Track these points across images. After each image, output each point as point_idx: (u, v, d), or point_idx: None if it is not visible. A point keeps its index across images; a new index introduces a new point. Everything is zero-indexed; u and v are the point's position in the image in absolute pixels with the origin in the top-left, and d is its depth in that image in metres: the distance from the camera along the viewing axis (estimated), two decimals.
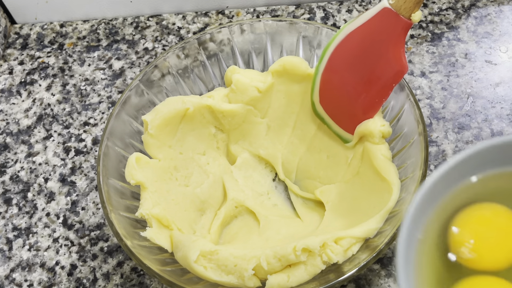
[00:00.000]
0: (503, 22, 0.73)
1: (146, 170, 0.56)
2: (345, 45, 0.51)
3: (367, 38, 0.50)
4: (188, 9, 0.79)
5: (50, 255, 0.61)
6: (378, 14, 0.49)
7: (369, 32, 0.50)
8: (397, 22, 0.48)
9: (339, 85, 0.54)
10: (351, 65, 0.52)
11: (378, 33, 0.49)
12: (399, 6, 0.48)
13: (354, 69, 0.52)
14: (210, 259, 0.51)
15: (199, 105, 0.58)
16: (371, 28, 0.50)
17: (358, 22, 0.50)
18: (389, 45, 0.50)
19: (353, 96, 0.54)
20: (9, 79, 0.75)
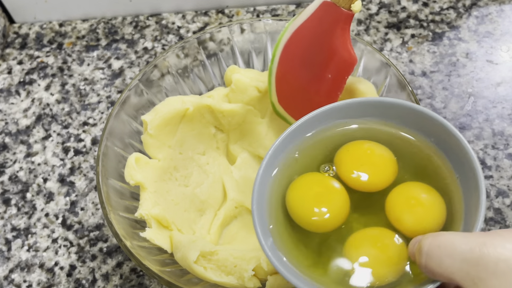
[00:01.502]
0: (504, 22, 0.73)
1: (145, 170, 0.55)
2: (293, 42, 0.52)
3: (312, 33, 0.51)
4: (188, 8, 0.78)
5: (49, 256, 0.61)
6: (318, 8, 0.49)
7: (313, 26, 0.50)
8: (338, 14, 0.49)
9: (293, 82, 0.54)
10: (301, 61, 0.53)
11: (322, 27, 0.50)
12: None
13: (305, 65, 0.53)
14: (210, 259, 0.51)
15: (199, 105, 0.58)
16: (315, 23, 0.50)
17: (301, 19, 0.51)
18: (335, 37, 0.50)
19: (308, 92, 0.54)
20: (8, 79, 0.75)
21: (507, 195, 0.60)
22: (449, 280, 0.33)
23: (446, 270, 0.32)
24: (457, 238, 0.33)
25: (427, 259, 0.33)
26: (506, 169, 0.62)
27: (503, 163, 0.62)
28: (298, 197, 0.43)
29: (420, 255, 0.34)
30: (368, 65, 0.58)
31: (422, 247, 0.34)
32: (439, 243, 0.33)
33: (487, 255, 0.31)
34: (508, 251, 0.31)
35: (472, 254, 0.31)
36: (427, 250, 0.33)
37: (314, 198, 0.43)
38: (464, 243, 0.32)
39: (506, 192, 0.60)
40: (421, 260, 0.34)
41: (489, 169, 0.62)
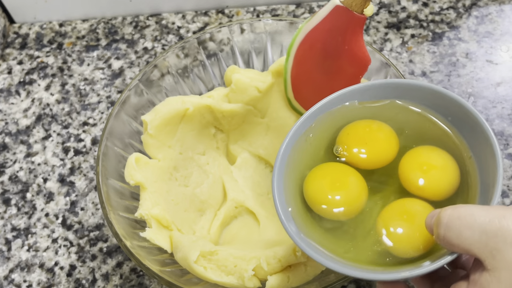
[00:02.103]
0: (504, 22, 0.73)
1: (145, 170, 0.55)
2: (307, 43, 0.53)
3: (326, 35, 0.52)
4: (188, 8, 0.78)
5: (49, 256, 0.61)
6: (331, 12, 0.50)
7: (326, 29, 0.51)
8: (351, 17, 0.49)
9: (309, 80, 0.55)
10: (316, 60, 0.54)
11: (336, 30, 0.51)
12: (350, 2, 0.49)
13: (320, 65, 0.54)
14: (210, 259, 0.51)
15: (198, 105, 0.58)
16: (328, 26, 0.51)
17: (315, 21, 0.51)
18: (348, 40, 0.51)
19: (323, 90, 0.55)
20: (8, 79, 0.75)
21: (507, 195, 0.60)
22: (467, 251, 0.33)
23: (465, 241, 0.32)
24: (476, 210, 0.33)
25: (446, 230, 0.33)
26: (506, 169, 0.62)
27: (503, 163, 0.62)
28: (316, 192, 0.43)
29: (439, 226, 0.34)
30: None
31: (441, 219, 0.34)
32: (458, 214, 0.33)
33: (506, 227, 0.31)
34: None
35: (491, 226, 0.32)
36: (447, 222, 0.33)
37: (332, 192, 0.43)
38: (484, 215, 0.32)
39: (506, 192, 0.60)
40: (439, 232, 0.34)
41: None
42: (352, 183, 0.43)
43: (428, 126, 0.44)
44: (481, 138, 0.40)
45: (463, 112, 0.42)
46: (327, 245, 0.41)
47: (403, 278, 0.37)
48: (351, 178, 0.43)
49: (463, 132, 0.43)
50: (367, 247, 0.41)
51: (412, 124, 0.45)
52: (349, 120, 0.46)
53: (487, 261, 0.32)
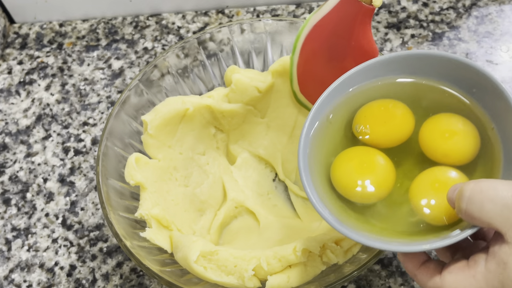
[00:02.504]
0: (504, 22, 0.73)
1: (145, 170, 0.56)
2: (315, 34, 0.53)
3: (334, 26, 0.51)
4: (188, 8, 0.78)
5: (49, 256, 0.61)
6: (339, 2, 0.50)
7: (335, 20, 0.51)
8: (359, 8, 0.49)
9: (315, 72, 0.55)
10: (323, 53, 0.54)
11: (343, 20, 0.51)
12: None
13: (327, 57, 0.54)
14: (210, 259, 0.51)
15: (199, 105, 0.58)
16: (336, 16, 0.51)
17: (322, 12, 0.51)
18: (356, 31, 0.51)
19: (331, 82, 0.55)
20: (8, 79, 0.75)
21: None
22: (488, 225, 0.33)
23: (487, 214, 0.33)
24: (499, 184, 0.33)
25: (468, 203, 0.34)
26: None
27: None
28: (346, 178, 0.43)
29: (461, 199, 0.34)
30: None
31: (463, 192, 0.34)
32: (481, 188, 0.33)
33: None
34: None
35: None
36: (469, 195, 0.34)
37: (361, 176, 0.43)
38: (506, 189, 0.33)
39: None
40: (461, 205, 0.34)
41: None
42: (380, 165, 0.43)
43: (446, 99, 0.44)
44: (503, 109, 0.40)
45: (483, 82, 0.41)
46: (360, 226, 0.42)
47: (424, 250, 0.37)
48: (377, 161, 0.43)
49: (486, 104, 0.42)
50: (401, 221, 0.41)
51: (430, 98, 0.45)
52: (366, 99, 0.46)
53: (508, 234, 0.32)
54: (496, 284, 0.33)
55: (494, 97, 0.41)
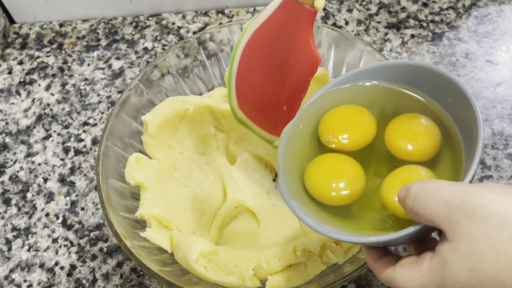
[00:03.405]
0: (503, 22, 0.73)
1: (145, 170, 0.56)
2: (254, 43, 0.50)
3: (274, 32, 0.48)
4: (188, 8, 0.79)
5: (49, 256, 0.61)
6: (280, 6, 0.47)
7: (275, 25, 0.48)
8: (301, 11, 0.46)
9: (255, 86, 0.52)
10: (263, 63, 0.51)
11: (284, 26, 0.48)
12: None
13: (267, 67, 0.51)
14: (210, 259, 0.51)
15: (199, 105, 0.58)
16: (277, 21, 0.48)
17: (262, 18, 0.48)
18: (298, 36, 0.48)
19: (271, 96, 0.52)
20: (8, 79, 0.75)
21: None
22: (431, 222, 0.35)
23: (430, 212, 0.34)
24: (443, 184, 0.35)
25: (413, 201, 0.35)
26: (506, 169, 0.62)
27: (502, 163, 0.62)
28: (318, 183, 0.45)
29: (408, 197, 0.36)
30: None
31: (410, 191, 0.36)
32: (426, 187, 0.35)
33: (467, 201, 0.33)
34: (487, 200, 0.33)
35: (454, 199, 0.34)
36: (415, 193, 0.35)
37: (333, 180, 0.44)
38: (449, 189, 0.34)
39: None
40: (407, 203, 0.36)
41: (488, 169, 0.62)
42: (350, 169, 0.45)
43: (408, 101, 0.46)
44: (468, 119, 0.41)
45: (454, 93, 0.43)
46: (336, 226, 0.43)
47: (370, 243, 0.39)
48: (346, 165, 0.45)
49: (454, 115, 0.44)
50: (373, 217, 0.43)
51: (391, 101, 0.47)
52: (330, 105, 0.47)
53: (448, 232, 0.34)
54: (438, 280, 0.34)
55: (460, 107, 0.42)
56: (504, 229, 0.32)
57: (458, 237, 0.33)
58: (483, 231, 0.32)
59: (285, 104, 0.53)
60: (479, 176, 0.61)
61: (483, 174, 0.62)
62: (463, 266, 0.33)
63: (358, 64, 0.59)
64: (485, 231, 0.32)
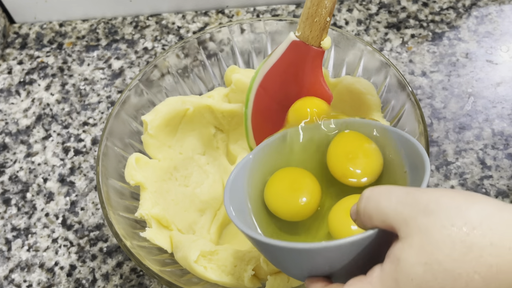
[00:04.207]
0: (504, 22, 0.73)
1: (145, 170, 0.56)
2: (266, 85, 0.51)
3: (284, 73, 0.50)
4: (188, 8, 0.78)
5: (49, 256, 0.61)
6: (288, 48, 0.49)
7: (285, 67, 0.50)
8: (308, 51, 0.48)
9: (270, 125, 0.53)
10: (276, 102, 0.52)
11: (294, 66, 0.50)
12: (306, 36, 0.48)
13: (280, 106, 0.52)
14: (210, 259, 0.51)
15: (199, 105, 0.58)
16: (286, 63, 0.50)
17: (272, 60, 0.50)
18: (308, 75, 0.50)
19: None
20: (8, 79, 0.75)
21: (507, 195, 0.60)
22: (384, 221, 0.34)
23: (382, 211, 0.34)
24: (395, 187, 0.35)
25: (366, 203, 0.35)
26: (506, 169, 0.62)
27: (502, 163, 0.62)
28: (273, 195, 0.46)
29: (361, 201, 0.36)
30: (368, 65, 0.58)
31: (363, 194, 0.36)
32: (379, 189, 0.35)
33: (420, 197, 0.33)
34: (440, 196, 0.33)
35: (407, 196, 0.33)
36: (368, 195, 0.35)
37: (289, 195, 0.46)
38: (401, 189, 0.34)
39: (506, 192, 0.60)
40: (360, 206, 0.36)
41: (488, 169, 0.62)
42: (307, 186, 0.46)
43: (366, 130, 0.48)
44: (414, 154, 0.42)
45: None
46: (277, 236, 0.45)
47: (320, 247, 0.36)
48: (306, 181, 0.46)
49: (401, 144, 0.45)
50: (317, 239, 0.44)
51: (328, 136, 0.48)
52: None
53: (401, 229, 0.33)
54: (390, 283, 0.33)
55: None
56: (458, 220, 0.31)
57: (411, 232, 0.32)
58: (437, 223, 0.31)
59: None
60: (479, 176, 0.61)
61: (483, 174, 0.62)
62: (417, 260, 0.31)
63: (358, 64, 0.59)
64: (439, 222, 0.31)
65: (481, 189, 0.61)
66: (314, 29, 0.47)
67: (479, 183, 0.61)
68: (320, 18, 0.47)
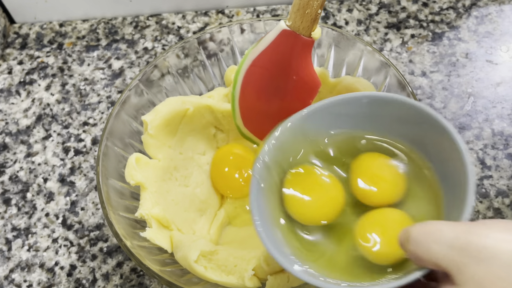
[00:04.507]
0: (504, 22, 0.73)
1: (145, 170, 0.56)
2: (254, 69, 0.52)
3: (273, 59, 0.51)
4: (188, 8, 0.79)
5: (49, 256, 0.61)
6: (278, 36, 0.49)
7: (274, 53, 0.50)
8: (298, 41, 0.49)
9: (258, 106, 0.54)
10: (264, 86, 0.53)
11: (283, 54, 0.50)
12: (297, 26, 0.48)
13: (269, 90, 0.53)
14: (210, 259, 0.51)
15: (199, 105, 0.58)
16: (276, 50, 0.50)
17: (261, 46, 0.50)
18: (297, 63, 0.50)
19: (273, 115, 0.54)
20: (8, 79, 0.75)
21: (507, 195, 0.60)
22: (436, 266, 0.33)
23: (433, 256, 0.33)
24: (444, 226, 0.34)
25: (415, 246, 0.34)
26: (506, 169, 0.62)
27: (502, 163, 0.62)
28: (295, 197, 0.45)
29: (409, 242, 0.35)
30: (368, 65, 0.58)
31: (410, 235, 0.35)
32: (426, 230, 0.34)
33: (472, 242, 0.32)
34: (492, 240, 0.32)
35: (458, 241, 0.32)
36: (415, 237, 0.34)
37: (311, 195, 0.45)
38: (451, 230, 0.33)
39: (506, 192, 0.60)
40: (409, 247, 0.35)
41: (488, 169, 0.62)
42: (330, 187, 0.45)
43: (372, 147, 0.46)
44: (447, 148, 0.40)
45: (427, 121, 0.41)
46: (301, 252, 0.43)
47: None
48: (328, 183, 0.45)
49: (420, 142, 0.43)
50: (342, 253, 0.42)
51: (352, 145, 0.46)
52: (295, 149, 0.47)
53: (455, 276, 0.32)
54: None
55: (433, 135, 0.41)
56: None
57: (466, 281, 0.32)
58: (491, 273, 0.31)
59: None
60: (479, 176, 0.61)
61: (483, 174, 0.62)
62: None
63: (358, 64, 0.59)
64: (493, 272, 0.31)
65: (481, 189, 0.61)
66: (305, 20, 0.47)
67: (479, 183, 0.61)
68: (312, 10, 0.47)
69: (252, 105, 0.54)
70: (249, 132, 0.56)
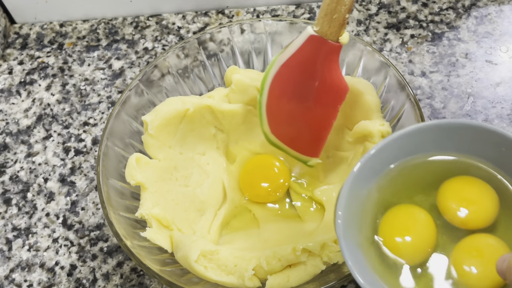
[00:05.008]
0: (503, 22, 0.73)
1: (146, 170, 0.56)
2: (282, 75, 0.52)
3: (301, 65, 0.51)
4: (188, 8, 0.79)
5: (49, 256, 0.61)
6: (306, 42, 0.49)
7: (302, 59, 0.50)
8: (326, 46, 0.49)
9: (285, 113, 0.54)
10: (292, 93, 0.53)
11: (311, 59, 0.50)
12: (325, 31, 0.48)
13: (296, 97, 0.53)
14: (211, 259, 0.51)
15: (199, 105, 0.58)
16: (303, 56, 0.50)
17: (289, 52, 0.50)
18: (325, 69, 0.50)
19: (301, 122, 0.54)
20: (9, 79, 0.75)
21: None
22: None
23: None
24: None
25: None
26: None
27: None
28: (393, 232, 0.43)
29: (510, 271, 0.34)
30: (368, 65, 0.59)
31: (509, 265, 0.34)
32: None
33: None
34: None
35: None
36: None
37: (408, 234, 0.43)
38: None
39: None
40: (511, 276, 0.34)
41: None
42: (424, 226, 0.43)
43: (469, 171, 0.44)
44: None
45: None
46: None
47: None
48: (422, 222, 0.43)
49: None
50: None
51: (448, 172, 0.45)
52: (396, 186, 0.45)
53: None
54: None
55: None
56: None
57: None
58: None
59: (315, 129, 0.55)
60: None
61: None
62: None
63: (358, 64, 0.59)
64: None
65: None
66: (332, 25, 0.48)
67: None
68: (339, 15, 0.47)
69: (279, 112, 0.54)
70: (276, 138, 0.56)
